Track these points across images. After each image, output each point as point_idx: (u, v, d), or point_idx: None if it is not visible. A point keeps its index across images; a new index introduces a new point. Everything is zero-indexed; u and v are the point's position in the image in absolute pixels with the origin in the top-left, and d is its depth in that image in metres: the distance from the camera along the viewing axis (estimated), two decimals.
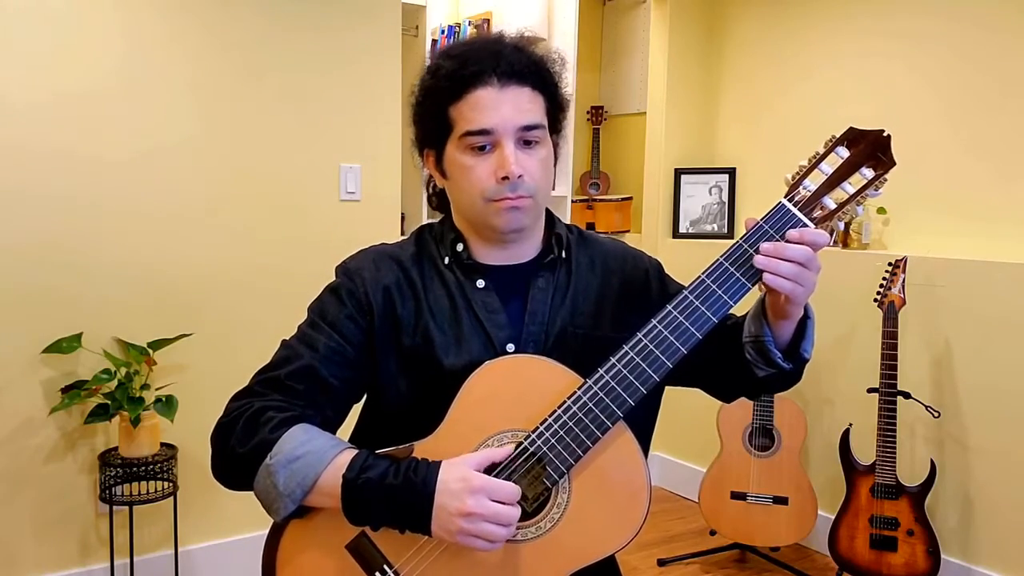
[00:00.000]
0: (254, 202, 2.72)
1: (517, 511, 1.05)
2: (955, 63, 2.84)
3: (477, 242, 1.25)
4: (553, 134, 1.25)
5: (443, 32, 3.81)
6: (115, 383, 2.40)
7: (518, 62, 1.18)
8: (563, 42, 3.76)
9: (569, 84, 1.29)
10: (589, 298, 1.27)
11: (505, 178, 1.15)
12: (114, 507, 2.44)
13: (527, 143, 1.18)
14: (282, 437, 1.10)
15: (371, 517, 1.09)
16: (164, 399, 2.42)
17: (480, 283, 1.24)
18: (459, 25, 3.84)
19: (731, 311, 1.13)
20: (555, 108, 1.24)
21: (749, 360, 1.18)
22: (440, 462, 1.08)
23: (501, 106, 1.16)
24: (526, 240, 1.26)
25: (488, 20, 3.75)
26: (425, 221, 1.66)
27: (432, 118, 1.21)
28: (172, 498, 2.47)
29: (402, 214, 3.35)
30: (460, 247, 1.25)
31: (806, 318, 1.17)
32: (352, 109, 2.87)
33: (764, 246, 1.08)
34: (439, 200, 1.31)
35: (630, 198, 4.18)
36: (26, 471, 2.42)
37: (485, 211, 1.19)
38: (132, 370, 2.43)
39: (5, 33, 2.31)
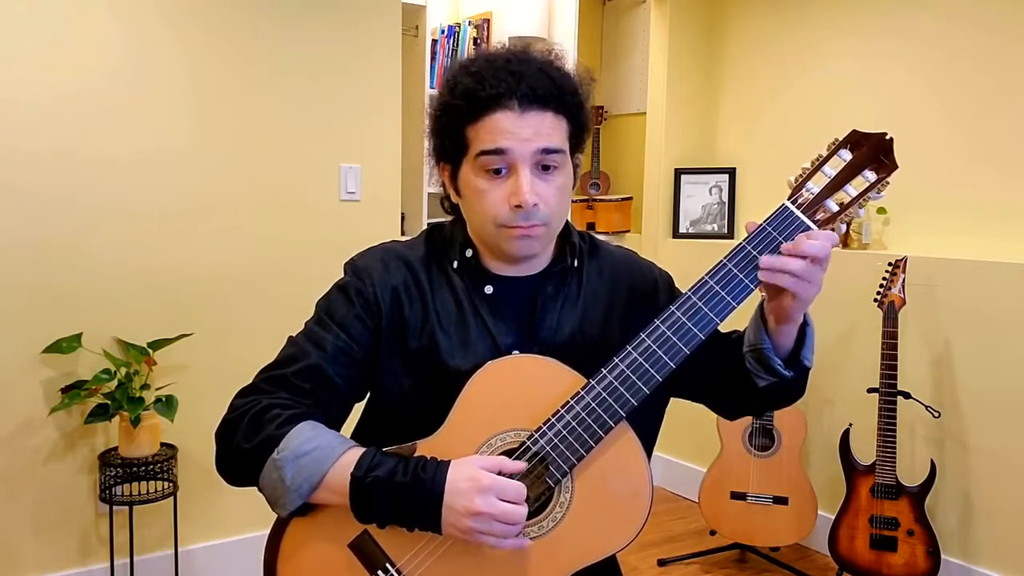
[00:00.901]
0: (254, 202, 2.72)
1: (525, 510, 1.06)
2: (955, 63, 2.84)
3: (488, 255, 1.24)
4: (575, 154, 1.22)
5: (443, 32, 3.81)
6: (115, 383, 2.40)
7: (540, 86, 1.13)
8: (563, 42, 3.76)
9: (593, 101, 1.24)
10: (598, 308, 1.26)
11: (519, 206, 1.13)
12: (114, 507, 2.44)
13: (545, 168, 1.15)
14: (289, 433, 1.11)
15: (379, 515, 1.08)
16: (164, 399, 2.42)
17: (488, 289, 1.23)
18: (459, 25, 3.83)
19: (733, 313, 1.13)
20: (578, 130, 1.20)
21: (750, 370, 1.18)
22: (449, 461, 1.08)
23: (520, 131, 1.12)
24: (539, 257, 1.24)
25: (488, 20, 3.75)
26: (425, 221, 1.66)
27: (448, 135, 1.18)
28: (172, 498, 2.47)
29: (402, 214, 3.35)
30: (470, 253, 1.24)
31: (805, 325, 1.16)
32: (352, 109, 2.87)
33: (784, 248, 1.08)
34: (451, 205, 1.28)
35: (630, 198, 4.18)
36: (26, 471, 2.41)
37: (496, 236, 1.17)
38: (132, 370, 2.43)
39: (5, 33, 2.31)
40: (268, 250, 2.74)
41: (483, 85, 1.13)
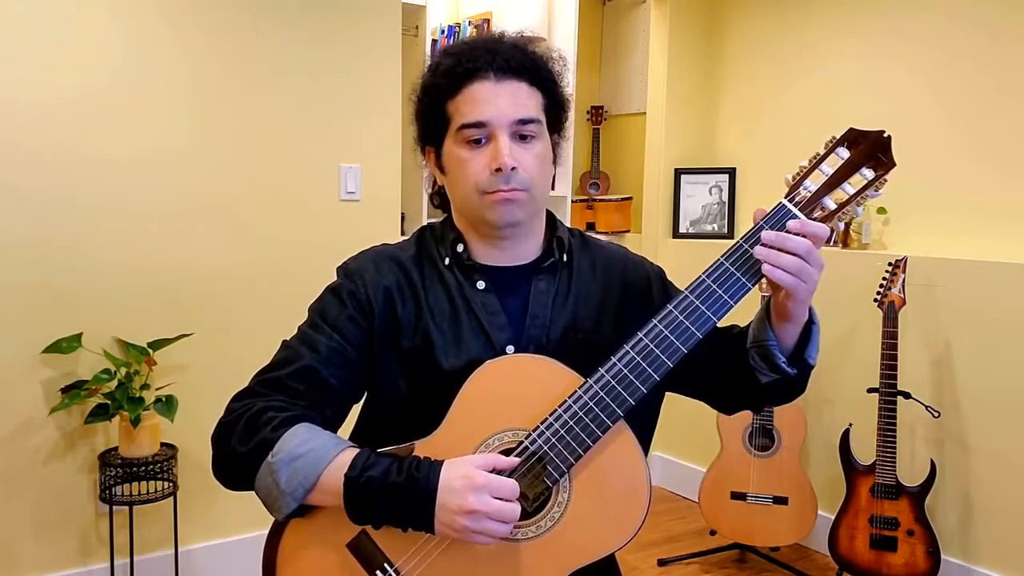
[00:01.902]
0: (254, 202, 2.72)
1: (518, 508, 1.06)
2: (955, 63, 2.84)
3: (477, 242, 1.25)
4: (553, 134, 1.25)
5: (443, 32, 3.81)
6: (115, 383, 2.40)
7: (515, 58, 1.19)
8: (563, 42, 3.76)
9: (569, 84, 1.29)
10: (590, 302, 1.26)
11: (498, 170, 1.16)
12: (114, 507, 2.44)
13: (523, 137, 1.18)
14: (284, 436, 1.10)
15: (373, 515, 1.08)
16: (164, 399, 2.42)
17: (480, 284, 1.24)
18: (459, 25, 3.84)
19: (731, 311, 1.12)
20: (554, 106, 1.24)
21: (753, 366, 1.18)
22: (443, 460, 1.08)
23: (496, 99, 1.17)
24: (525, 240, 1.25)
25: (488, 20, 3.75)
26: (425, 221, 1.67)
27: (431, 114, 1.22)
28: (172, 498, 2.47)
29: (402, 214, 3.35)
30: (460, 247, 1.25)
31: (811, 323, 1.17)
32: (352, 109, 2.87)
33: (765, 235, 1.08)
34: (440, 199, 1.31)
35: (630, 198, 4.18)
36: (26, 471, 2.42)
37: (480, 204, 1.19)
38: (132, 370, 2.43)
39: (5, 33, 2.31)
40: (268, 250, 2.75)
41: (461, 61, 1.19)
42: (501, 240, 1.24)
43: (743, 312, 1.14)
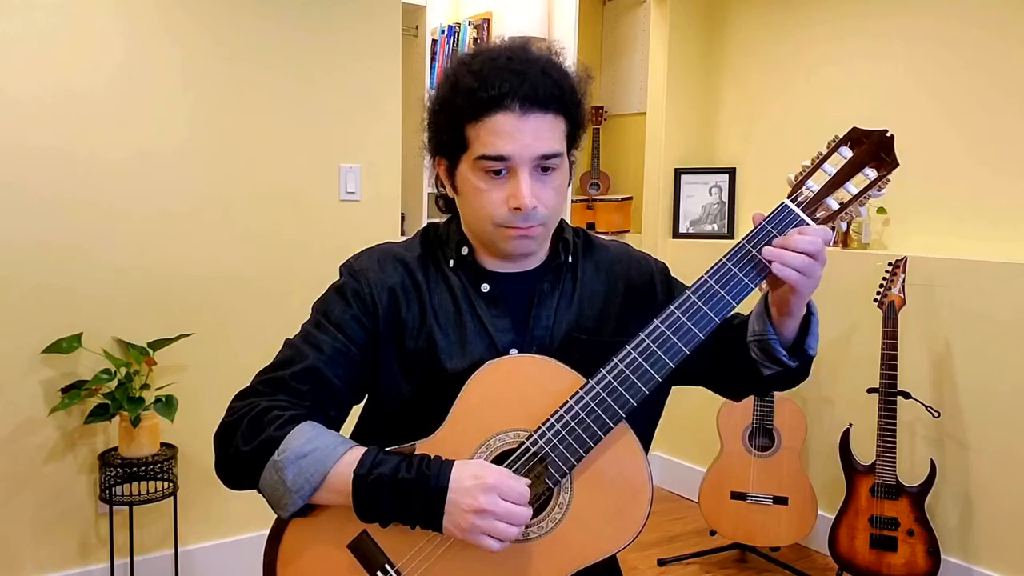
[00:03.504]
0: (254, 202, 2.72)
1: (529, 511, 1.05)
2: (955, 63, 2.84)
3: (483, 251, 1.24)
4: (571, 151, 1.22)
5: (443, 32, 3.81)
6: (115, 383, 2.40)
7: (543, 87, 1.13)
8: (563, 42, 3.75)
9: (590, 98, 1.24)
10: (595, 303, 1.26)
11: (518, 208, 1.13)
12: (114, 507, 2.43)
13: (544, 170, 1.15)
14: (289, 434, 1.10)
15: (382, 513, 1.08)
16: (164, 399, 2.42)
17: (485, 287, 1.23)
18: (459, 25, 3.83)
19: (734, 311, 1.13)
20: (575, 128, 1.20)
21: (755, 359, 1.18)
22: (453, 459, 1.08)
23: (520, 135, 1.11)
24: (534, 255, 1.25)
25: (488, 20, 3.75)
26: (425, 221, 1.67)
27: (448, 132, 1.17)
28: (172, 498, 2.47)
29: (402, 214, 3.35)
30: (465, 251, 1.24)
31: (810, 315, 1.17)
32: (352, 109, 2.87)
33: (778, 240, 1.08)
34: (446, 203, 1.28)
35: (630, 198, 4.18)
36: (26, 471, 2.41)
37: (494, 234, 1.17)
38: (132, 370, 2.43)
39: (5, 33, 2.31)
40: (268, 250, 2.74)
41: (484, 85, 1.12)
42: (511, 259, 1.23)
43: (744, 306, 1.14)
